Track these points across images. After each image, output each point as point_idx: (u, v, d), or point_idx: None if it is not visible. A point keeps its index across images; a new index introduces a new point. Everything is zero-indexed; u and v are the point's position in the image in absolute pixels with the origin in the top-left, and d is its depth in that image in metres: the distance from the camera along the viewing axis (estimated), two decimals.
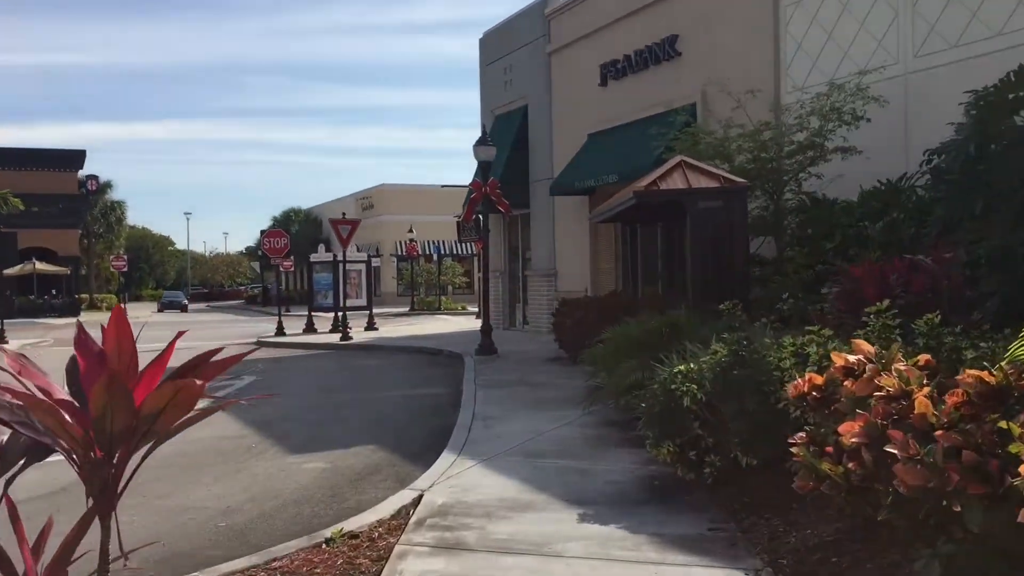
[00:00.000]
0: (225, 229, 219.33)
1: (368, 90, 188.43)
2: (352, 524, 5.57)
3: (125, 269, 50.47)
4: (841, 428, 3.99)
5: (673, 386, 6.00)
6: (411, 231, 44.92)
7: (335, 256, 23.77)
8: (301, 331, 26.89)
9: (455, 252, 50.43)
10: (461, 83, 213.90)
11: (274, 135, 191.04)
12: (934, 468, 3.40)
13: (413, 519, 5.63)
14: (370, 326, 26.76)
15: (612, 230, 19.30)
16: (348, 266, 26.89)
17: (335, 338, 23.06)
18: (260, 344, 23.94)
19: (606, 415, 9.11)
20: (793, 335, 6.62)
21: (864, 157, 11.83)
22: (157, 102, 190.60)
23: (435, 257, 47.78)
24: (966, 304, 7.33)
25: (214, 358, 3.41)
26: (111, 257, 51.33)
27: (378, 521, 5.64)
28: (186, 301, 64.70)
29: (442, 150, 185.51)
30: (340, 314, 23.64)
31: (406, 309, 44.21)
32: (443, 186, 43.87)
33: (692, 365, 6.14)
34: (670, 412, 5.93)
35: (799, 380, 4.58)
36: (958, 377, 3.80)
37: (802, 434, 4.52)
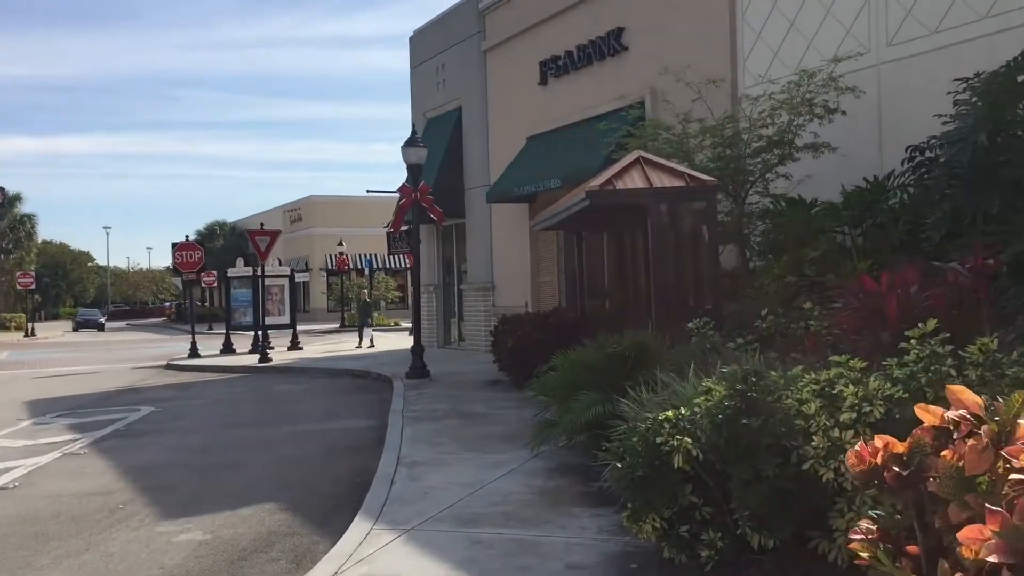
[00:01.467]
0: (151, 244, 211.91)
1: (302, 104, 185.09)
2: None
3: (33, 286, 47.18)
4: (964, 534, 2.51)
5: (659, 439, 4.47)
6: (341, 244, 42.92)
7: (254, 270, 21.82)
8: (218, 352, 24.81)
9: (388, 266, 48.51)
10: (396, 96, 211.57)
11: (206, 148, 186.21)
12: None
13: None
14: (294, 345, 24.83)
15: (554, 240, 17.87)
16: (268, 281, 24.88)
17: (253, 360, 21.09)
18: (169, 367, 21.85)
19: (560, 458, 7.59)
20: (806, 366, 5.17)
21: (838, 155, 10.60)
22: (85, 116, 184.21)
23: (367, 271, 45.79)
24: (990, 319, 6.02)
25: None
26: (18, 274, 47.96)
27: None
28: (103, 320, 61.35)
29: (377, 164, 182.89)
30: (259, 333, 21.67)
31: (336, 326, 42.17)
32: (368, 191, 41.69)
33: (683, 411, 4.61)
34: (656, 475, 4.40)
35: (864, 446, 3.09)
36: None
37: (868, 523, 3.09)
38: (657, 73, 13.41)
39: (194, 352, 23.71)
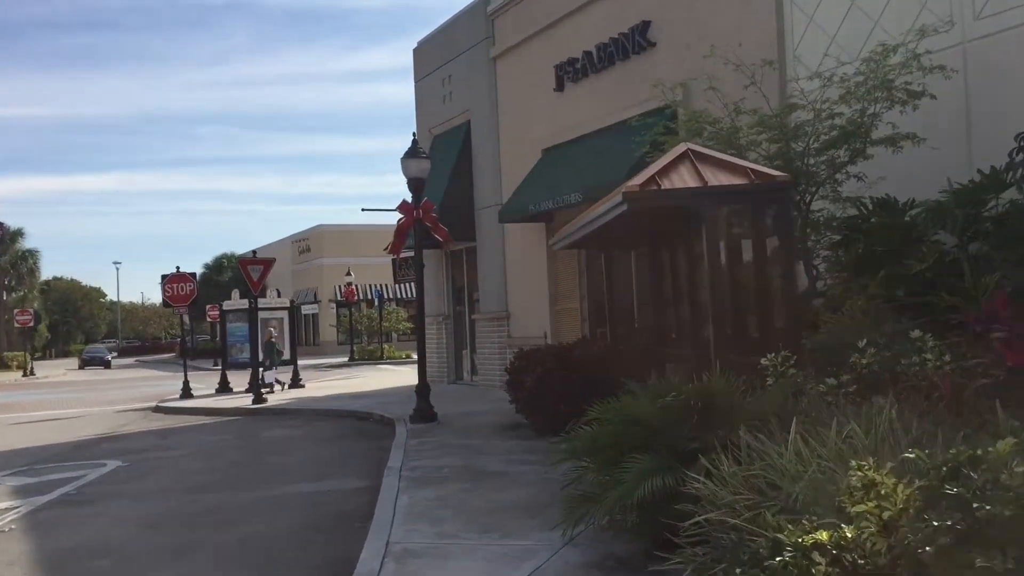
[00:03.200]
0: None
1: (318, 138, 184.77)
2: None
3: (31, 324, 45.61)
4: None
5: None
6: (349, 274, 41.23)
7: (250, 303, 20.07)
8: (214, 391, 23.01)
9: (399, 296, 46.75)
10: (408, 126, 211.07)
11: (223, 184, 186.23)
12: None
13: None
14: (295, 383, 22.99)
15: (576, 262, 16.01)
16: (266, 314, 23.16)
17: (249, 400, 19.22)
18: (158, 410, 20.03)
19: (604, 545, 5.68)
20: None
21: (917, 151, 8.73)
22: (105, 155, 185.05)
23: (376, 302, 44.03)
24: None
25: None
26: (16, 311, 46.45)
27: None
28: (109, 357, 59.79)
29: (392, 195, 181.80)
30: (257, 371, 19.84)
31: (346, 359, 40.36)
32: (364, 209, 39.36)
33: (846, 531, 2.70)
34: None
35: None
36: None
37: None
38: (690, 69, 11.63)
39: (186, 392, 21.90)
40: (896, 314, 6.70)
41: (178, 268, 22.20)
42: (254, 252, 19.47)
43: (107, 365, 57.53)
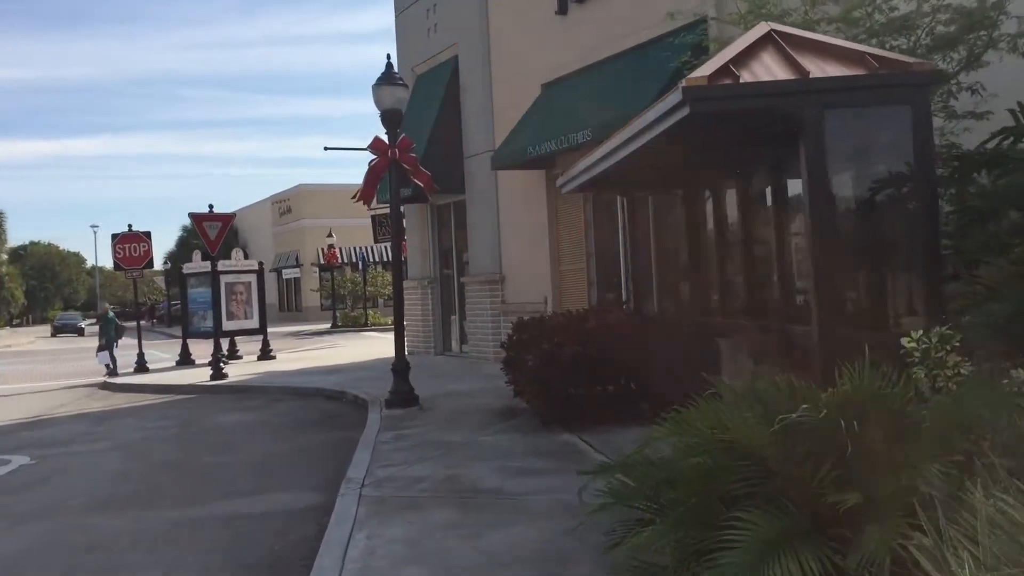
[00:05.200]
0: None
1: (306, 100, 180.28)
2: None
3: None
4: None
5: None
6: (331, 235, 38.78)
7: (212, 265, 17.64)
8: (174, 363, 20.68)
9: (385, 259, 44.27)
10: None
11: (209, 147, 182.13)
12: None
13: None
14: (264, 354, 20.67)
15: (581, 214, 13.69)
16: (231, 277, 20.75)
17: (208, 375, 16.86)
18: (106, 386, 17.69)
19: None
20: None
21: None
22: (89, 117, 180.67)
23: (360, 265, 41.58)
24: None
25: None
26: None
27: None
28: (82, 324, 57.31)
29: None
30: (219, 342, 17.49)
31: (328, 326, 38.03)
32: (326, 148, 36.55)
33: None
34: None
35: None
36: None
37: None
38: None
39: (141, 365, 19.55)
40: None
41: (130, 226, 19.72)
42: (210, 207, 17.02)
43: (80, 332, 55.13)
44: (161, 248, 72.40)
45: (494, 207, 15.83)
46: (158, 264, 55.73)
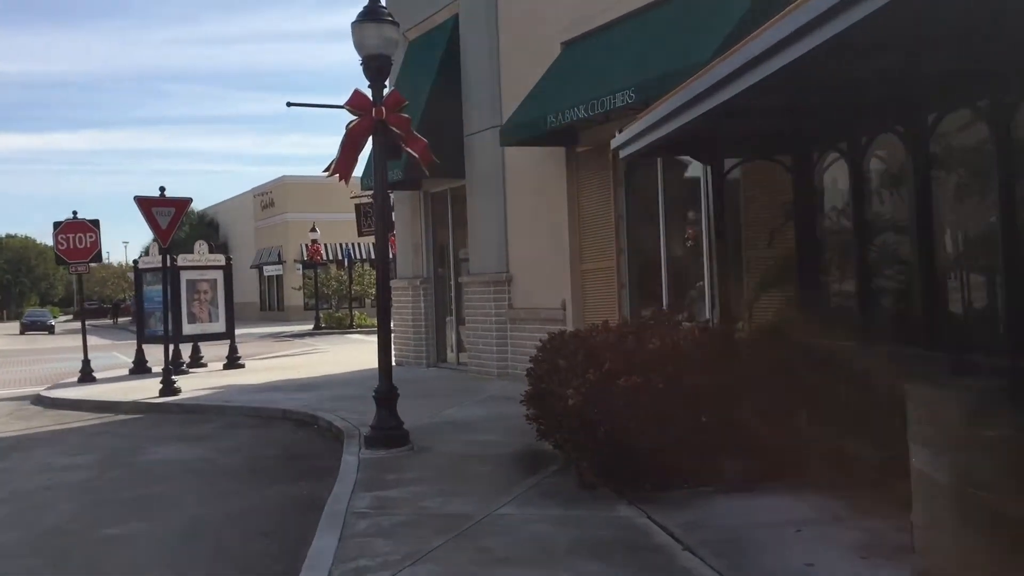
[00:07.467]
0: (128, 239, 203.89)
1: (294, 97, 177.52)
2: None
3: None
4: None
5: None
6: (314, 230, 36.13)
7: (164, 259, 14.91)
8: (127, 371, 17.95)
9: (373, 255, 41.56)
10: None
11: (198, 143, 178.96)
12: None
13: None
14: (231, 362, 17.99)
15: (611, 199, 11.11)
16: (194, 274, 18.05)
17: (158, 388, 14.11)
18: (39, 400, 14.99)
19: None
20: None
21: None
22: (74, 111, 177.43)
23: (346, 262, 38.92)
24: None
25: None
26: None
27: None
28: (52, 322, 54.55)
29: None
30: (169, 349, 14.79)
31: (310, 327, 35.38)
32: (289, 103, 32.00)
33: None
34: None
35: None
36: None
37: None
38: None
39: (87, 374, 16.85)
40: None
41: (75, 213, 16.97)
42: (162, 190, 14.28)
43: (50, 330, 52.38)
44: (139, 242, 69.53)
45: (500, 193, 13.24)
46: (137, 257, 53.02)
